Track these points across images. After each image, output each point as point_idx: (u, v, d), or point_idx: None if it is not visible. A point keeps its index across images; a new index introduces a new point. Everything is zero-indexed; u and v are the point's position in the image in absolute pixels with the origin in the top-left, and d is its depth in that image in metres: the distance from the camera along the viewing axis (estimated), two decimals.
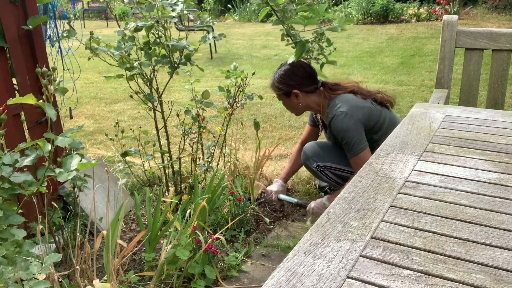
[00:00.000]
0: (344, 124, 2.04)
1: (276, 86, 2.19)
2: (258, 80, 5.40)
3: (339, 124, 2.05)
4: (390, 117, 2.19)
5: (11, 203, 1.35)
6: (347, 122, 2.04)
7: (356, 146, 2.05)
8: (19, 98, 1.24)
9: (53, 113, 1.28)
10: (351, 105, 2.08)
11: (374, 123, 2.12)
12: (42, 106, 1.27)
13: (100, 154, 3.26)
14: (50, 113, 1.27)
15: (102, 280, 1.61)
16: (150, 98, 2.10)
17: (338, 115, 2.05)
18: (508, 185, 1.03)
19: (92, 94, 5.14)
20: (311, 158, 2.33)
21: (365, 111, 2.09)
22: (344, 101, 2.09)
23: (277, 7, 1.53)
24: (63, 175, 1.31)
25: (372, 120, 2.12)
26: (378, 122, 2.14)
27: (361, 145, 2.06)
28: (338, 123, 2.05)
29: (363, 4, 10.26)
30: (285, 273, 0.72)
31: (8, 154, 1.33)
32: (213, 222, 2.20)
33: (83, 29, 2.84)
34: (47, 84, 1.34)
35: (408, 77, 5.41)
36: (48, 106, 1.28)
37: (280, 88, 2.16)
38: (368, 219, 0.88)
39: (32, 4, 1.93)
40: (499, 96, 2.24)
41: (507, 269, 0.74)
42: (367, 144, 2.08)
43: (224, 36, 2.11)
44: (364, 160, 2.04)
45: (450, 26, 2.23)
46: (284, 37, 2.01)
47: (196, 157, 2.34)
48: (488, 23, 9.18)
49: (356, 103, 2.10)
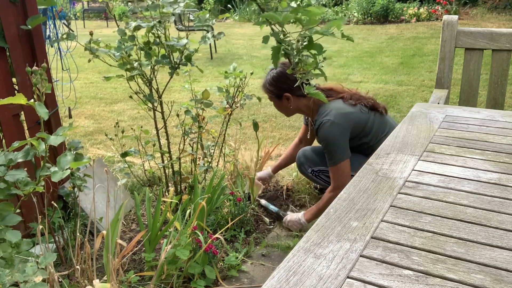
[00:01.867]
0: (328, 133, 2.06)
1: (267, 88, 2.21)
2: (258, 80, 5.39)
3: (324, 132, 2.08)
4: (379, 121, 2.20)
5: (8, 203, 1.34)
6: (331, 131, 2.06)
7: (337, 156, 2.07)
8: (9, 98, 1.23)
9: (44, 112, 1.27)
10: (339, 112, 2.09)
11: (361, 129, 2.15)
12: (33, 106, 1.26)
13: (100, 154, 3.26)
14: (41, 112, 1.26)
15: (102, 280, 1.61)
16: (150, 98, 2.10)
17: (324, 123, 2.07)
18: (508, 185, 1.03)
19: (92, 94, 5.14)
20: (305, 163, 2.36)
21: (352, 117, 2.11)
22: (332, 108, 2.11)
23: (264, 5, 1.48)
24: (57, 174, 1.30)
25: (359, 126, 2.14)
26: (366, 127, 2.16)
27: (342, 156, 2.08)
28: (322, 131, 2.08)
29: (363, 4, 10.26)
30: (285, 273, 0.72)
31: (2, 153, 1.32)
32: (213, 222, 2.20)
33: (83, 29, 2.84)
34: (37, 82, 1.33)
35: (408, 77, 5.41)
36: (39, 105, 1.27)
37: (272, 90, 2.19)
38: (368, 219, 0.88)
39: (32, 4, 1.93)
40: (499, 96, 2.24)
41: (507, 269, 0.73)
42: (349, 154, 2.10)
43: (224, 35, 2.11)
44: (342, 170, 2.08)
45: (450, 26, 2.23)
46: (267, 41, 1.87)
47: (196, 157, 2.34)
48: (488, 23, 9.18)
49: (344, 110, 2.12)
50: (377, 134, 2.17)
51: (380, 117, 2.22)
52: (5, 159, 1.31)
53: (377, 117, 2.21)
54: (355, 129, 2.13)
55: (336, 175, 2.11)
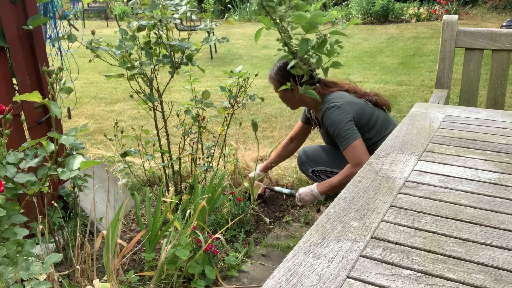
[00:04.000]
0: (335, 117, 2.09)
1: (274, 79, 2.23)
2: (258, 80, 5.39)
3: (331, 117, 2.10)
4: (383, 117, 2.22)
5: (14, 202, 1.35)
6: (338, 115, 2.08)
7: (348, 136, 2.08)
8: (25, 95, 1.24)
9: (58, 111, 1.28)
10: (345, 100, 2.13)
11: (366, 121, 2.16)
12: (48, 104, 1.27)
13: (100, 154, 3.26)
14: (55, 111, 1.27)
15: (102, 280, 1.61)
16: (151, 98, 2.10)
17: (330, 108, 2.11)
18: (508, 185, 1.03)
19: (92, 94, 5.14)
20: (306, 163, 2.36)
21: (357, 107, 2.14)
22: (338, 97, 2.15)
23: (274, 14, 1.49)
24: (66, 173, 1.32)
25: (364, 118, 2.16)
26: (371, 121, 2.17)
27: (353, 135, 2.08)
28: (329, 116, 2.10)
29: (363, 4, 10.26)
30: (285, 273, 0.72)
31: (13, 153, 1.33)
32: (213, 222, 2.20)
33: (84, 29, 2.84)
34: (53, 82, 1.34)
35: (408, 77, 5.41)
36: (54, 104, 1.28)
37: (278, 80, 2.20)
38: (368, 219, 0.88)
39: (32, 4, 1.93)
40: (499, 96, 2.24)
41: (507, 269, 0.74)
42: (359, 135, 2.10)
43: (227, 40, 2.14)
44: (358, 148, 2.07)
45: (450, 26, 2.23)
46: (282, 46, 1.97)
47: (196, 157, 2.34)
48: (488, 23, 9.18)
49: (349, 99, 2.15)
50: (381, 130, 2.18)
51: (384, 113, 2.23)
52: (15, 159, 1.31)
53: (381, 113, 2.23)
54: (360, 120, 2.14)
55: (352, 153, 2.09)
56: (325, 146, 2.49)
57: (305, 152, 2.39)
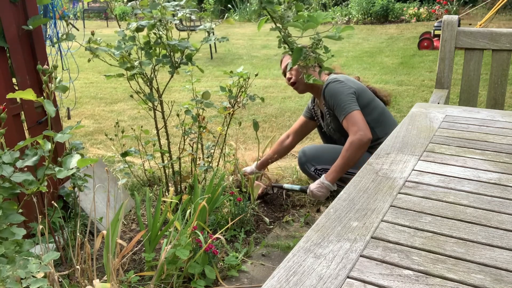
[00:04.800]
0: (337, 89, 2.16)
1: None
2: (258, 80, 5.40)
3: (331, 89, 2.17)
4: (384, 108, 2.30)
5: (11, 202, 1.35)
6: (337, 86, 2.16)
7: (348, 106, 2.13)
8: (18, 93, 1.24)
9: (52, 110, 1.28)
10: (346, 78, 2.23)
11: (366, 102, 2.22)
12: (42, 102, 1.27)
13: (100, 154, 3.26)
14: (49, 109, 1.27)
15: (102, 280, 1.61)
16: (151, 98, 2.10)
17: (331, 81, 2.19)
18: (508, 185, 1.03)
19: (92, 94, 5.14)
20: (308, 162, 2.35)
21: (359, 86, 2.23)
22: (340, 75, 2.26)
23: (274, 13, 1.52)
24: (63, 172, 1.32)
25: (365, 98, 2.22)
26: (370, 105, 2.23)
27: (352, 106, 2.13)
28: (330, 88, 2.17)
29: (363, 4, 10.26)
30: (285, 273, 0.72)
31: (8, 153, 1.33)
32: (213, 222, 2.20)
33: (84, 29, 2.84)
34: (47, 81, 1.34)
35: (408, 77, 5.41)
36: (48, 102, 1.28)
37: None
38: (368, 219, 0.88)
39: (32, 4, 1.93)
40: (499, 96, 2.24)
41: (507, 269, 0.74)
42: (358, 108, 2.15)
43: (227, 39, 2.14)
44: (356, 118, 2.10)
45: (450, 26, 2.23)
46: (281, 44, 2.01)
47: (196, 157, 2.34)
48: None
49: (352, 79, 2.26)
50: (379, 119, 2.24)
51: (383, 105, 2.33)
52: (11, 158, 1.31)
53: (381, 103, 2.31)
54: (361, 97, 2.20)
55: (351, 121, 2.11)
56: (325, 145, 2.49)
57: (305, 152, 2.39)
